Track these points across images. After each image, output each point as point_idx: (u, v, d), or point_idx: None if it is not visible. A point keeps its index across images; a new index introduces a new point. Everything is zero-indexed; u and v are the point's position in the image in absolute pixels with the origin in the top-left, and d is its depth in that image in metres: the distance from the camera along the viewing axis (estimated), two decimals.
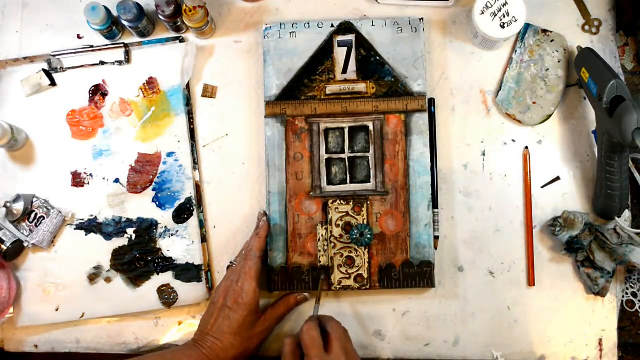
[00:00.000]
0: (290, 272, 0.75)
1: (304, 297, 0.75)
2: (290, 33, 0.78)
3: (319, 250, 0.75)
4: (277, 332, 0.76)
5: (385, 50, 0.78)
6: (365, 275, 0.75)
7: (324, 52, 0.78)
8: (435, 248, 0.76)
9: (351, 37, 0.78)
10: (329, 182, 0.77)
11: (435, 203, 0.76)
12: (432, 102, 0.78)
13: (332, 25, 0.79)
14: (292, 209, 0.76)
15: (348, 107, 0.77)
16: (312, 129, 0.77)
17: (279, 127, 0.77)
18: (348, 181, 0.76)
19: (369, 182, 0.76)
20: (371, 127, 0.77)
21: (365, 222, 0.75)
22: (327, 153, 0.77)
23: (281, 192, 0.76)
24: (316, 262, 0.75)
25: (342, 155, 0.77)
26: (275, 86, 0.78)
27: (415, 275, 0.74)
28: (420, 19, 0.78)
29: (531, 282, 0.76)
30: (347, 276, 0.75)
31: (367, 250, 0.75)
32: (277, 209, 0.76)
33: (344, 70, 0.78)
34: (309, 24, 0.79)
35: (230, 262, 0.74)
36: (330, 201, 0.76)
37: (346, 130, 0.77)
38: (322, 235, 0.75)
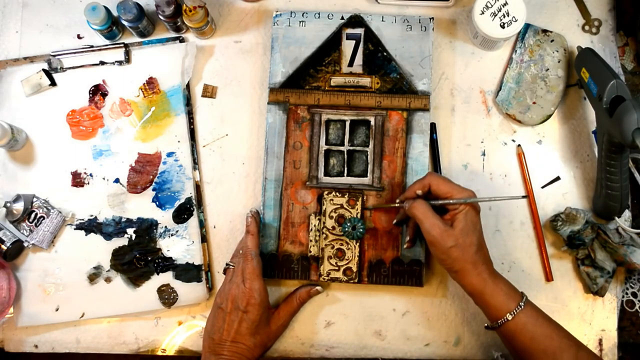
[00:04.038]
0: (280, 259, 0.75)
1: (316, 290, 0.75)
2: (300, 22, 0.79)
3: (310, 240, 0.75)
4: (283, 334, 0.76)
5: (392, 47, 0.78)
6: (355, 269, 0.75)
7: (332, 44, 0.78)
8: None
9: (360, 30, 0.79)
10: (326, 174, 0.77)
11: None
12: (433, 127, 0.78)
13: (342, 18, 0.79)
14: (287, 197, 0.76)
15: (351, 100, 0.77)
16: (313, 119, 0.77)
17: (281, 115, 0.77)
18: (345, 174, 0.77)
19: (366, 176, 0.76)
20: (372, 122, 0.77)
21: (358, 215, 0.75)
22: (326, 144, 0.77)
23: (277, 179, 0.76)
24: (307, 251, 0.75)
25: (342, 148, 0.77)
26: (281, 73, 0.78)
27: (404, 273, 0.74)
28: (430, 18, 0.78)
29: (549, 277, 0.77)
30: (337, 268, 0.75)
31: (358, 244, 0.75)
32: (272, 196, 0.76)
33: (350, 63, 0.78)
34: (319, 14, 0.79)
35: (227, 264, 0.73)
36: (326, 192, 0.76)
37: (347, 123, 0.77)
38: (314, 225, 0.75)
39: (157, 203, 0.78)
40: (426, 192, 0.69)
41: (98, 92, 0.80)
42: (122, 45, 0.80)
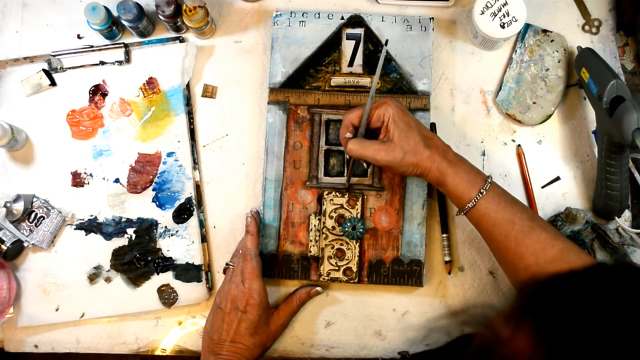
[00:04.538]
0: (280, 259, 0.75)
1: (316, 291, 0.75)
2: (300, 22, 0.79)
3: (310, 240, 0.75)
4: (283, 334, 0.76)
5: (392, 47, 0.78)
6: (355, 269, 0.75)
7: (332, 44, 0.78)
8: (449, 273, 0.76)
9: (360, 30, 0.78)
10: (326, 174, 0.77)
11: (445, 227, 0.77)
12: (433, 127, 0.79)
13: (342, 18, 0.79)
14: (287, 197, 0.76)
15: (351, 100, 0.77)
16: (313, 119, 0.77)
17: (281, 115, 0.77)
18: (345, 174, 0.77)
19: (366, 176, 0.76)
20: None
21: (358, 216, 0.75)
22: (326, 144, 0.77)
23: (277, 179, 0.76)
24: (307, 251, 0.75)
25: (342, 148, 0.77)
26: (281, 73, 0.78)
27: (404, 273, 0.74)
28: (430, 19, 0.78)
29: None
30: (337, 268, 0.75)
31: (358, 244, 0.75)
32: (272, 196, 0.76)
33: (350, 63, 0.78)
34: (319, 14, 0.79)
35: (227, 264, 0.73)
36: (326, 192, 0.76)
37: None
38: (314, 225, 0.75)
39: (157, 203, 0.78)
40: (355, 131, 0.70)
41: (98, 92, 0.80)
42: (122, 45, 0.80)
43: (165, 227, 0.78)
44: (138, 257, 0.77)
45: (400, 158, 0.66)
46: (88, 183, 0.79)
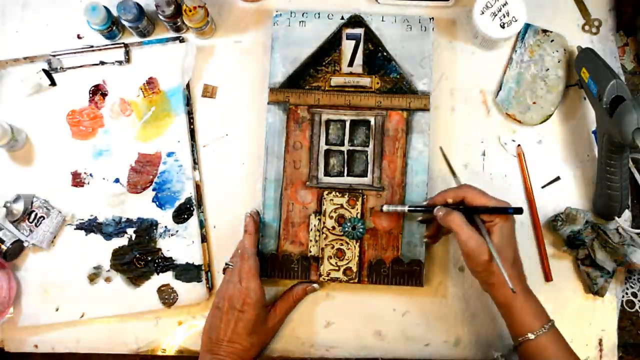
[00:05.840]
0: (280, 259, 0.75)
1: (312, 288, 0.75)
2: (300, 22, 0.79)
3: (310, 240, 0.75)
4: (279, 333, 0.76)
5: (392, 47, 0.78)
6: (355, 269, 0.75)
7: (332, 44, 0.78)
8: None
9: (360, 30, 0.78)
10: (326, 174, 0.77)
11: None
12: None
13: (342, 18, 0.79)
14: (287, 197, 0.76)
15: (351, 101, 0.77)
16: (313, 119, 0.77)
17: (281, 115, 0.77)
18: (345, 174, 0.77)
19: (366, 176, 0.76)
20: (372, 122, 0.77)
21: (358, 215, 0.75)
22: (326, 144, 0.77)
23: (277, 179, 0.76)
24: (307, 251, 0.75)
25: (342, 148, 0.77)
26: (281, 74, 0.78)
27: (405, 273, 0.74)
28: (430, 18, 0.78)
29: (548, 277, 0.77)
30: (337, 268, 0.75)
31: (358, 244, 0.75)
32: (272, 196, 0.76)
33: (350, 64, 0.78)
34: (319, 14, 0.79)
35: (226, 264, 0.73)
36: (326, 192, 0.76)
37: (347, 123, 0.77)
38: (314, 225, 0.75)
39: (157, 203, 0.78)
40: (457, 203, 0.68)
41: (98, 92, 0.80)
42: (122, 45, 0.80)
43: (165, 227, 0.78)
44: (138, 257, 0.77)
45: (485, 259, 0.64)
46: (88, 183, 0.79)
